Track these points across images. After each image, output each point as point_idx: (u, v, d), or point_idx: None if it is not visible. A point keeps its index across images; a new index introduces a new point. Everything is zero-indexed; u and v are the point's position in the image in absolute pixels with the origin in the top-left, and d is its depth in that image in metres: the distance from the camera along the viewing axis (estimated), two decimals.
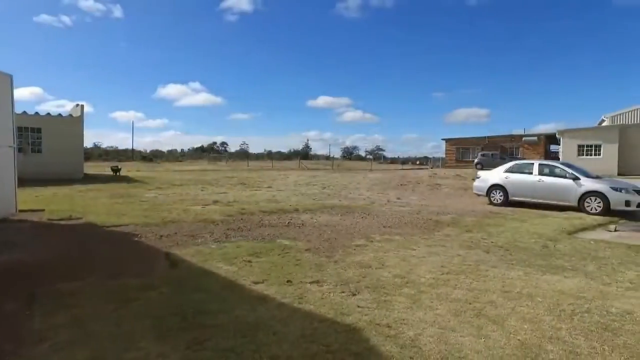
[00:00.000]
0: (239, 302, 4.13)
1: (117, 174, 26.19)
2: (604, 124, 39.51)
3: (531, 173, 13.10)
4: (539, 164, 13.37)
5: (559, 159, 32.71)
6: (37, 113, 22.15)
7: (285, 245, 6.76)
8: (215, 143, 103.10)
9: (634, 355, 3.19)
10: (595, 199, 11.62)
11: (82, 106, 23.38)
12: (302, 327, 3.56)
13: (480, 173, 15.05)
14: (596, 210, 11.48)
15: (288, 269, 5.36)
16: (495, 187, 13.65)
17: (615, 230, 9.13)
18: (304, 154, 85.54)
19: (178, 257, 5.93)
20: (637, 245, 7.30)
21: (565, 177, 12.43)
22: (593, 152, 33.62)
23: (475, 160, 38.85)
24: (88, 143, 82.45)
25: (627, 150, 32.49)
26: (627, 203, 11.23)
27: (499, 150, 43.19)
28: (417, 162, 61.57)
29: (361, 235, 7.82)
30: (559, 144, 36.05)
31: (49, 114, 22.67)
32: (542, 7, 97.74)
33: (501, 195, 13.45)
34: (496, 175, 13.93)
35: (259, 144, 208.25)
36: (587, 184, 11.93)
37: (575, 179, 12.18)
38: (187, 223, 8.77)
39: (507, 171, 13.74)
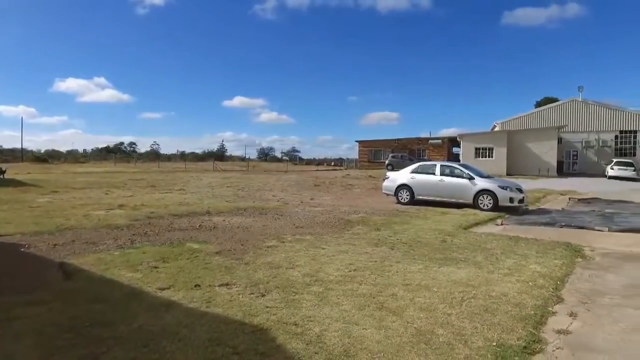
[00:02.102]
0: (143, 311, 3.95)
1: (1, 176, 23.20)
2: (496, 129, 44.13)
3: (434, 174, 14.14)
4: (441, 165, 14.51)
5: (460, 160, 35.81)
6: None
7: (194, 249, 6.57)
8: (122, 143, 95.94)
9: (505, 330, 3.69)
10: (487, 197, 12.92)
11: None
12: (209, 330, 3.52)
13: (389, 174, 15.87)
14: (488, 206, 12.77)
15: (197, 273, 5.23)
16: (402, 187, 14.49)
17: (502, 224, 10.27)
18: (219, 155, 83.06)
19: (75, 266, 5.47)
20: (517, 236, 8.31)
21: (462, 177, 13.64)
22: (487, 154, 37.42)
23: (387, 162, 41.02)
24: None
25: (514, 152, 36.70)
26: (511, 200, 12.70)
27: (408, 151, 46.05)
28: (332, 164, 63.13)
29: (273, 236, 7.87)
30: (460, 147, 39.54)
31: None
32: (441, 25, 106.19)
33: (408, 195, 14.33)
34: (403, 175, 14.81)
35: (172, 144, 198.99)
36: (481, 184, 13.23)
37: (471, 178, 13.43)
38: (87, 230, 8.11)
39: (413, 172, 14.66)
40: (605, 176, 31.41)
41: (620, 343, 3.50)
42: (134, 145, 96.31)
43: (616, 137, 39.40)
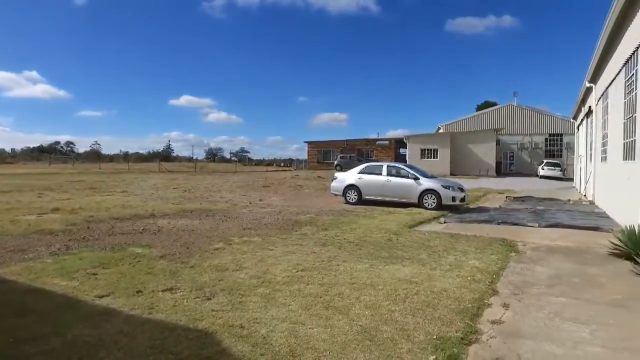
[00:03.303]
0: (79, 321, 3.73)
1: None
2: (440, 131, 46.13)
3: (381, 174, 14.52)
4: (387, 166, 14.91)
5: (406, 160, 37.03)
6: None
7: (137, 254, 6.31)
8: (58, 143, 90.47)
9: (445, 323, 3.86)
10: (431, 196, 13.47)
11: None
12: (152, 338, 3.40)
13: (337, 174, 16.07)
14: (432, 205, 13.31)
15: (139, 279, 5.02)
16: (350, 187, 14.75)
17: (444, 222, 10.74)
18: (165, 156, 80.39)
19: None
20: (458, 234, 8.73)
21: (408, 177, 14.11)
22: (432, 155, 39.06)
23: (335, 162, 41.56)
24: None
25: (457, 153, 38.55)
26: (454, 199, 13.34)
27: (356, 152, 46.93)
28: (282, 164, 63.05)
29: (220, 238, 7.73)
30: (407, 148, 40.92)
31: None
32: (389, 30, 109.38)
33: (355, 195, 14.59)
34: (351, 176, 15.06)
35: (114, 145, 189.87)
36: (425, 183, 13.76)
37: (416, 179, 13.92)
38: (14, 236, 7.51)
39: (361, 172, 14.96)
40: (537, 176, 33.86)
41: (544, 328, 3.82)
42: (71, 145, 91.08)
43: (546, 139, 42.65)
